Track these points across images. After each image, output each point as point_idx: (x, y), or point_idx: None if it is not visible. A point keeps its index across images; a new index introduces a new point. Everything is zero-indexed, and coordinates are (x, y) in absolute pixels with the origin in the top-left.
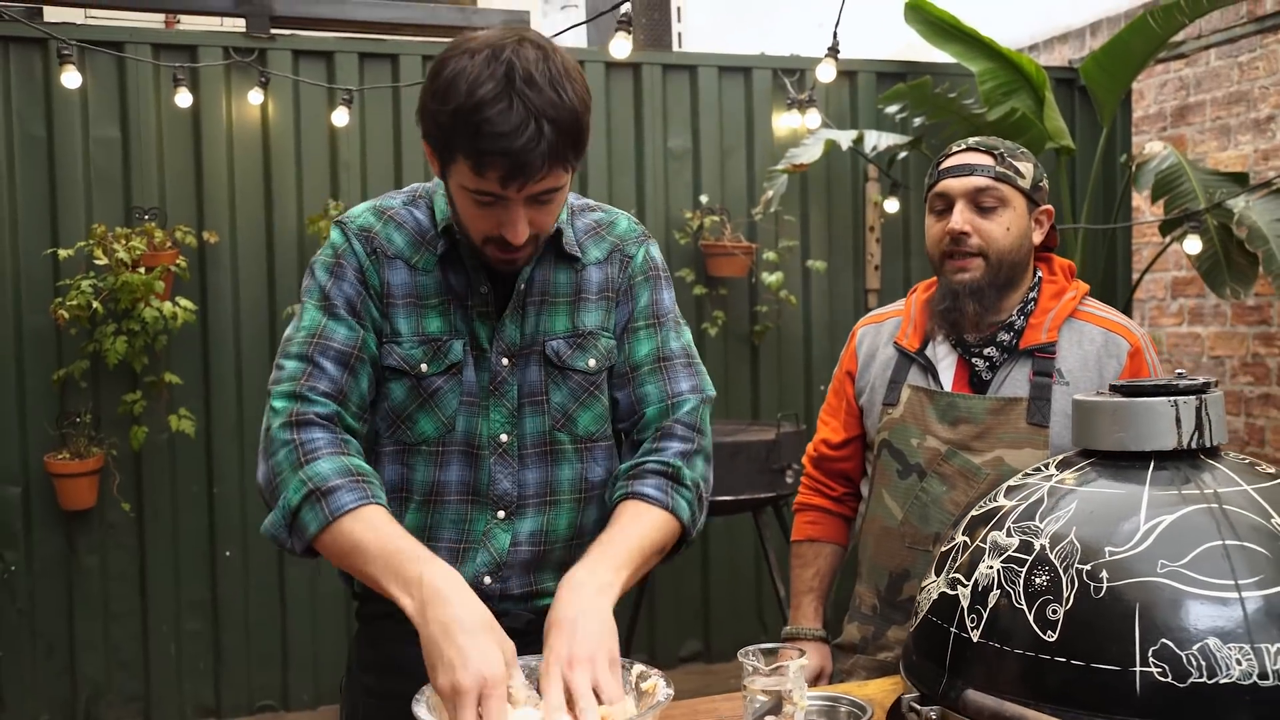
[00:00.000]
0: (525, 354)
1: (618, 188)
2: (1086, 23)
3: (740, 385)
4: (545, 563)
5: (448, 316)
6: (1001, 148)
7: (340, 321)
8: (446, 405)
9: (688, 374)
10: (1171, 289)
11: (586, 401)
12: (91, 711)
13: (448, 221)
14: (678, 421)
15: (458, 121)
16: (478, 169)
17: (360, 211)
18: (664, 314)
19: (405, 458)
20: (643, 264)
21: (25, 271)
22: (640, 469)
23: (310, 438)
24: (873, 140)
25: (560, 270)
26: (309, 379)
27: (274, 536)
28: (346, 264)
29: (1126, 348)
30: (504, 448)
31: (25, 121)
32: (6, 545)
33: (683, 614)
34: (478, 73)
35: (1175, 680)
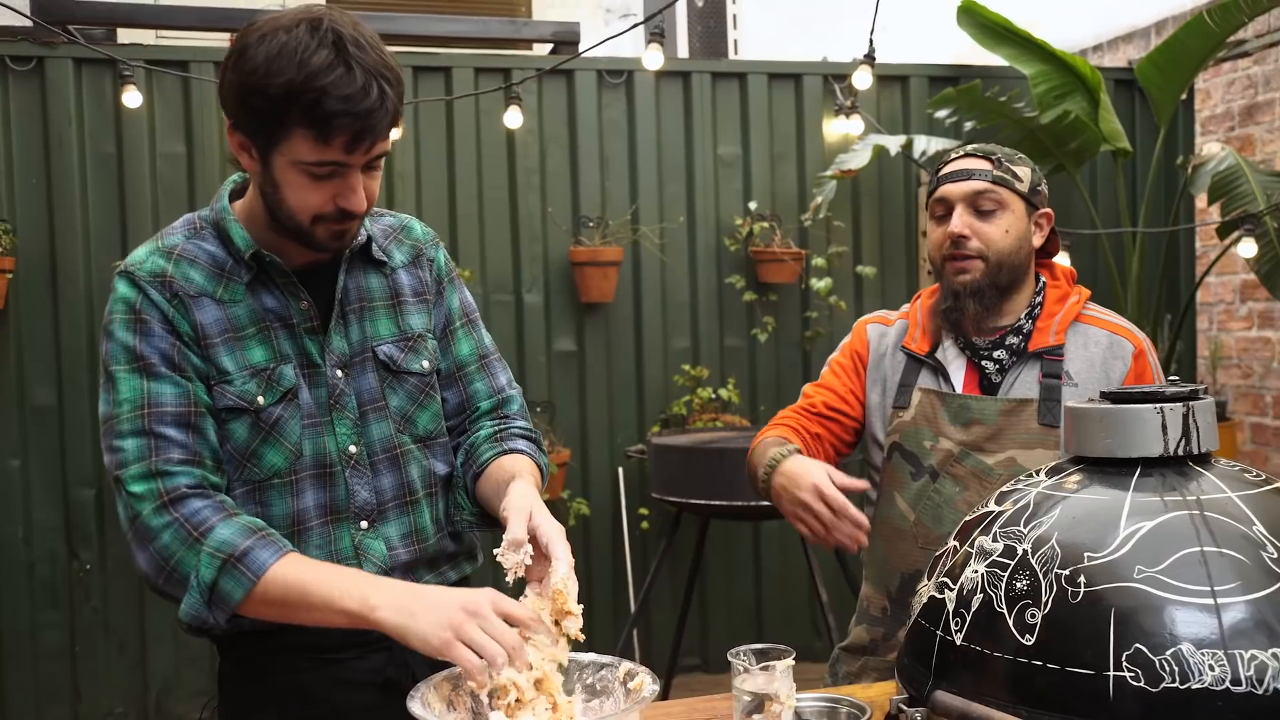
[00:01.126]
0: (358, 362)
1: (668, 195)
2: (1151, 22)
3: (791, 391)
4: (420, 560)
5: (270, 342)
6: (999, 153)
7: (163, 381)
8: (290, 433)
9: (502, 368)
10: (1240, 292)
11: (423, 402)
12: (162, 705)
13: (253, 248)
14: (510, 416)
15: (293, 93)
16: (322, 137)
17: (144, 256)
18: (471, 312)
19: (258, 495)
20: (445, 266)
21: (97, 283)
22: (506, 433)
23: (192, 511)
24: (921, 145)
25: (371, 275)
26: (157, 454)
27: (194, 618)
28: (149, 317)
29: (1131, 349)
30: (355, 459)
31: (96, 139)
32: (82, 545)
33: (735, 619)
34: (304, 43)
35: (1148, 685)
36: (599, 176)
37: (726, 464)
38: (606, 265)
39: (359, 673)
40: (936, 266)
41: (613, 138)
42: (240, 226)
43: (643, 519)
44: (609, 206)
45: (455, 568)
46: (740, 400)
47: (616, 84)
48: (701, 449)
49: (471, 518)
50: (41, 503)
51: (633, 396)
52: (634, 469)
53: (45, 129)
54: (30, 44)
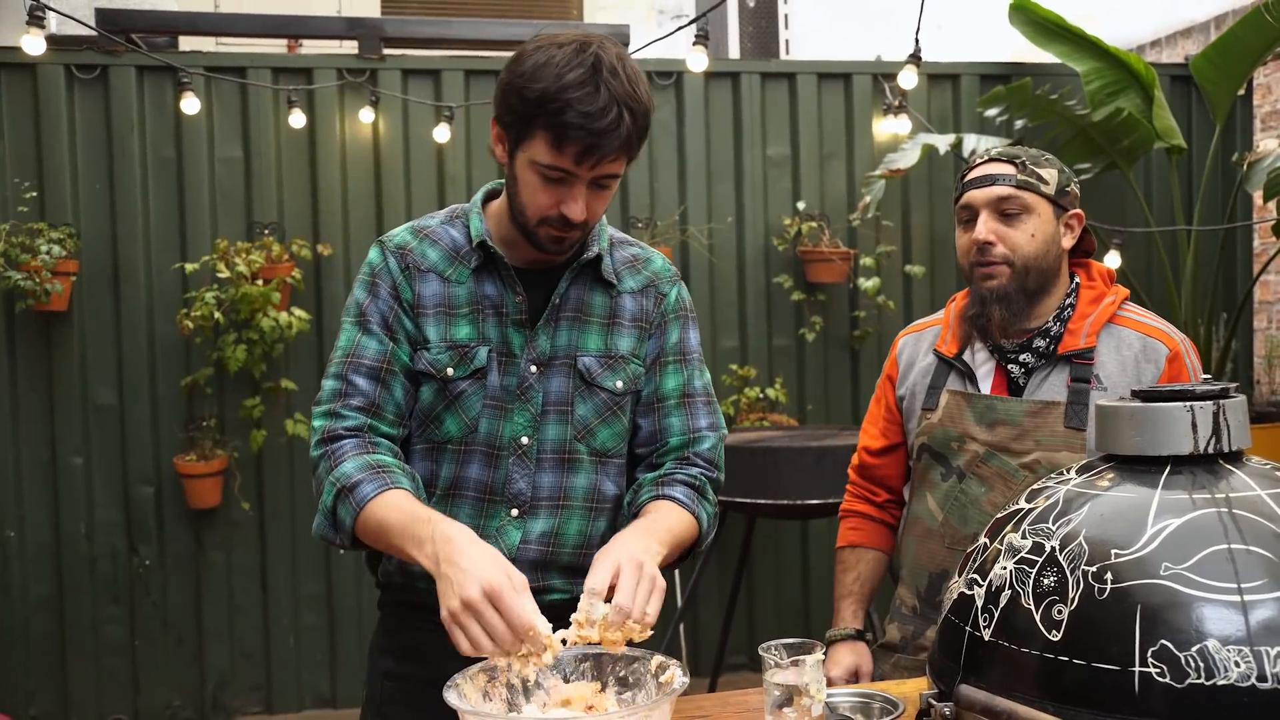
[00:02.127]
0: (554, 364)
1: (717, 196)
2: (1210, 16)
3: (840, 391)
4: (552, 564)
5: (477, 325)
6: (1023, 156)
7: (372, 336)
8: (470, 407)
9: (707, 411)
10: None
11: (609, 419)
12: (219, 699)
13: (482, 237)
14: (698, 455)
15: (544, 100)
16: (557, 144)
17: (399, 231)
18: (690, 352)
19: (433, 455)
20: (675, 303)
21: (158, 285)
22: (669, 478)
23: (338, 447)
24: (971, 144)
25: (596, 292)
26: (343, 398)
27: (322, 536)
28: (381, 281)
29: (1165, 353)
30: (523, 450)
31: (157, 144)
32: (141, 541)
33: (783, 617)
34: (567, 60)
35: (1174, 681)
36: (648, 177)
37: (773, 462)
38: None
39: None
40: (965, 272)
41: (662, 139)
42: (481, 219)
43: None
44: (657, 207)
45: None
46: (788, 400)
47: (666, 85)
48: (748, 448)
49: None
50: (103, 500)
51: None
52: None
53: (108, 135)
54: (94, 53)
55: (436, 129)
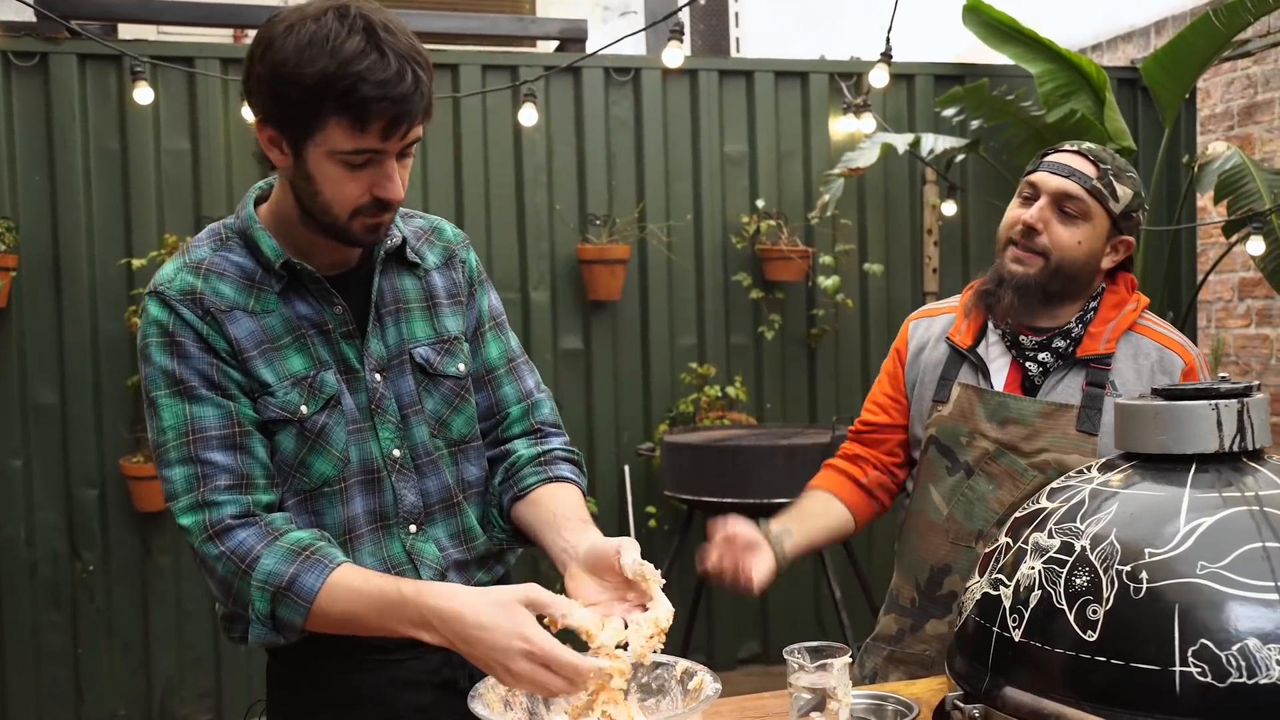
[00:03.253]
0: (395, 365)
1: (675, 193)
2: (1151, 21)
3: (797, 389)
4: (473, 560)
5: (308, 350)
6: (1110, 164)
7: (204, 403)
8: (336, 440)
9: (529, 371)
10: (1239, 290)
11: (458, 405)
12: (166, 706)
13: (283, 257)
14: (544, 422)
15: (328, 81)
16: (359, 124)
17: (172, 274)
18: (499, 315)
19: (310, 504)
20: (476, 268)
21: (101, 281)
22: (550, 456)
23: (237, 543)
24: (929, 143)
25: (405, 277)
26: (204, 482)
27: (266, 642)
28: (183, 338)
29: (1180, 366)
30: (400, 462)
31: (100, 135)
32: (85, 545)
33: (741, 616)
34: (335, 30)
35: (1215, 680)
36: (606, 174)
37: (739, 462)
38: (613, 263)
39: (416, 672)
40: (1000, 245)
41: (620, 135)
42: (268, 235)
43: (650, 517)
44: (616, 204)
45: (501, 562)
46: (747, 398)
47: (623, 82)
48: (715, 446)
49: (503, 535)
50: (44, 503)
51: (639, 394)
52: (641, 467)
53: (49, 125)
54: (34, 40)
55: None
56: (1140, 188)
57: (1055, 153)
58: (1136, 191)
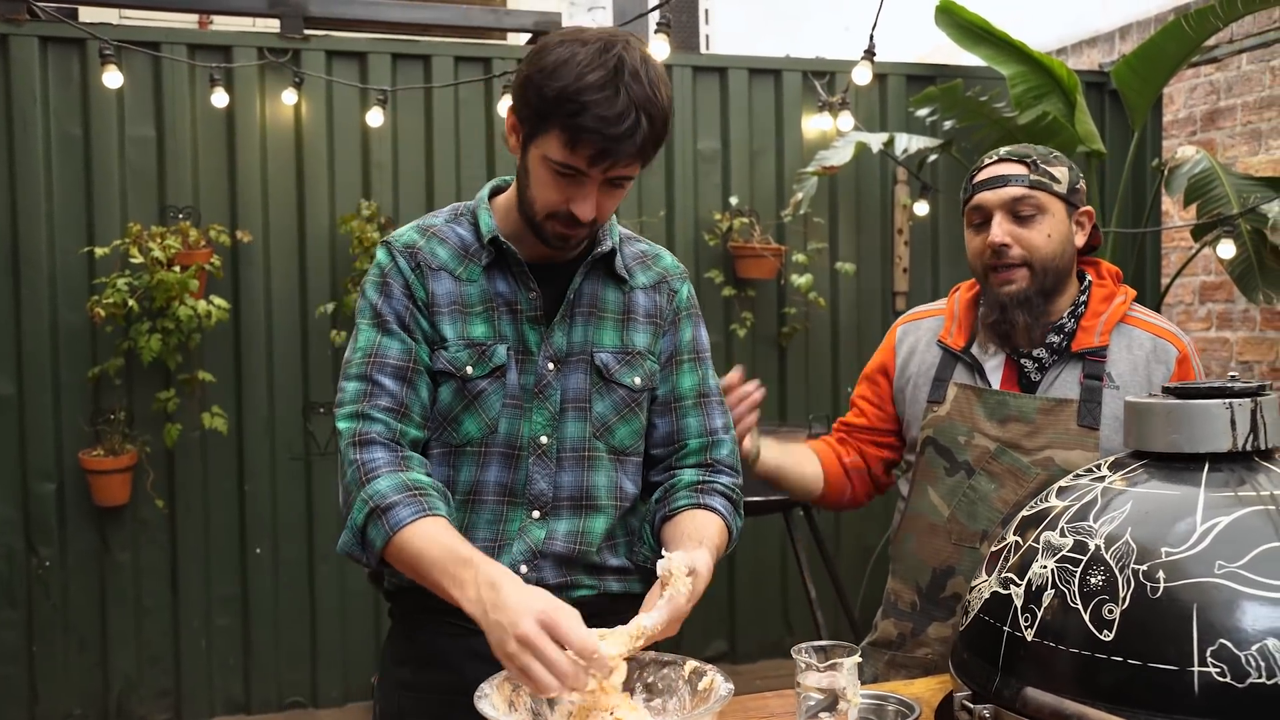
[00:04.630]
0: (571, 361)
1: (647, 189)
2: (1116, 26)
3: (768, 387)
4: (579, 561)
5: (492, 322)
6: (1034, 155)
7: (393, 337)
8: (490, 407)
9: (721, 411)
10: (1200, 294)
11: (626, 416)
12: (123, 706)
13: (494, 233)
14: (720, 461)
15: (562, 100)
16: (571, 144)
17: (405, 231)
18: (703, 351)
19: (451, 459)
20: (687, 300)
21: (61, 269)
22: (707, 487)
23: (371, 457)
24: (903, 143)
25: (609, 288)
26: (369, 399)
27: (349, 553)
28: (393, 281)
29: (1175, 354)
30: (543, 449)
31: (62, 120)
32: (41, 541)
33: (709, 615)
34: (589, 59)
35: (1234, 680)
36: None
37: None
38: None
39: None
40: (979, 276)
41: None
42: (490, 215)
43: None
44: None
45: (620, 580)
46: None
47: None
48: None
49: (650, 553)
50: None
51: None
52: None
53: (8, 109)
54: None
55: (369, 113)
56: (1069, 161)
57: (980, 171)
58: (1069, 166)
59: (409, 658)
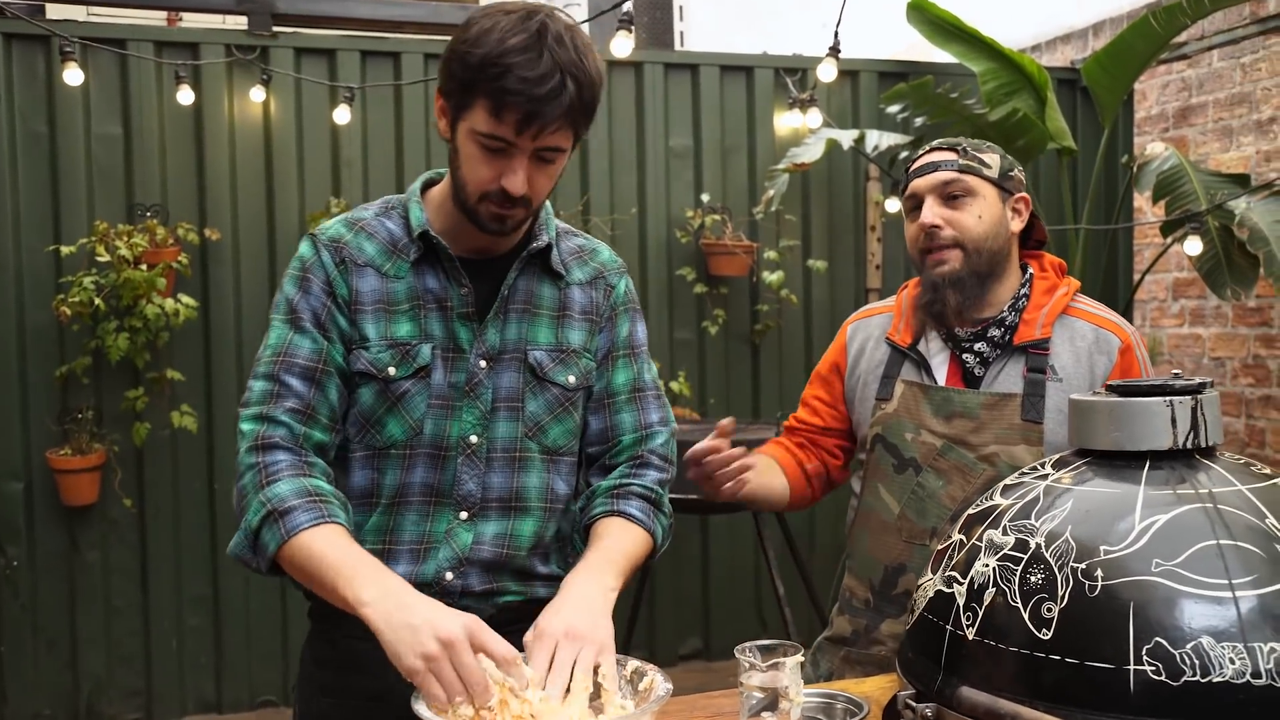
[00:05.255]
0: (504, 359)
1: (619, 186)
2: (1089, 23)
3: (741, 384)
4: (507, 566)
5: (419, 321)
6: (964, 143)
7: (305, 335)
8: (414, 409)
9: (658, 405)
10: (1173, 290)
11: (560, 415)
12: (93, 706)
13: (424, 227)
14: (653, 452)
15: (485, 65)
16: (496, 112)
17: (332, 224)
18: (639, 346)
19: (375, 462)
20: (624, 295)
21: (28, 268)
22: (625, 490)
23: (272, 460)
24: (874, 140)
25: (545, 284)
26: (275, 400)
27: (239, 557)
28: (313, 276)
29: (1117, 344)
30: (473, 449)
31: (27, 118)
32: (9, 540)
33: (683, 612)
34: (511, 26)
35: (1169, 679)
36: None
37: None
38: None
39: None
40: (916, 262)
41: None
42: (421, 208)
43: None
44: (560, 197)
45: (548, 586)
46: (690, 393)
47: None
48: None
49: None
50: None
51: None
52: None
53: None
54: None
55: (337, 111)
56: (1002, 151)
57: (916, 161)
58: (1001, 154)
59: (328, 660)
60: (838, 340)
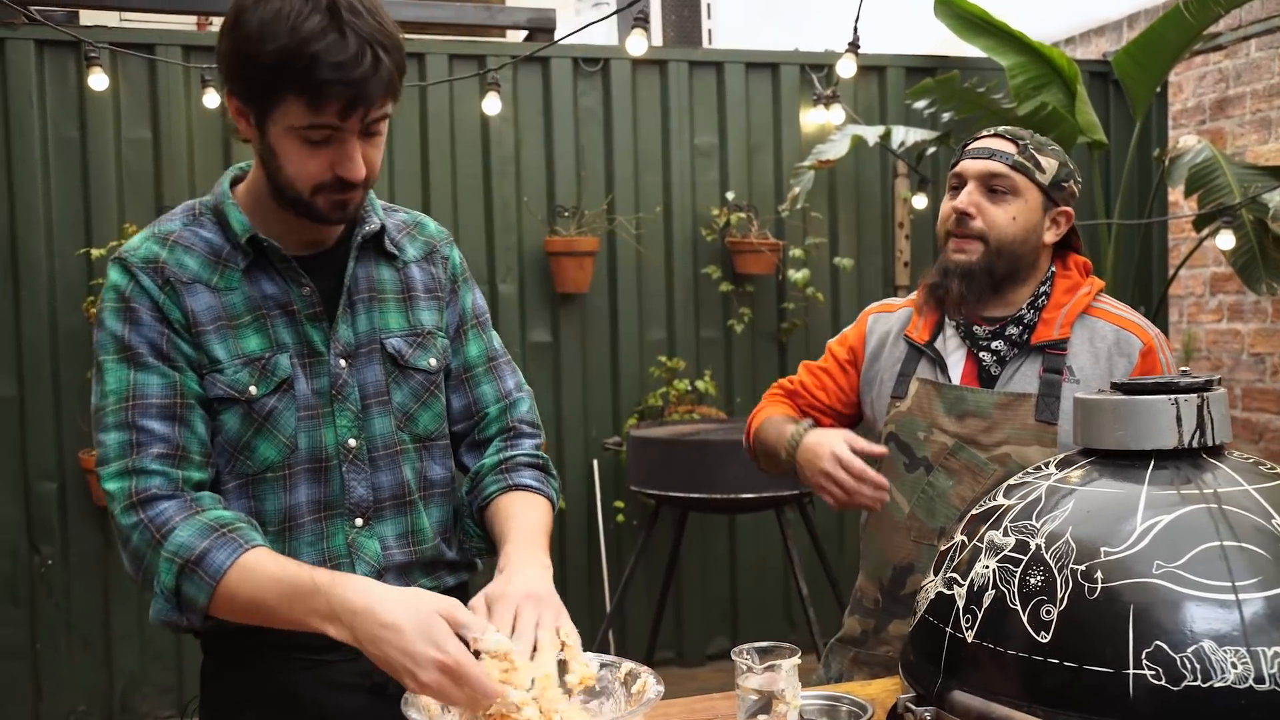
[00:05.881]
0: (364, 353)
1: (644, 185)
2: (1124, 15)
3: (768, 383)
4: (417, 563)
5: (266, 331)
6: (1028, 139)
7: (150, 371)
8: (284, 425)
9: (510, 371)
10: (1210, 285)
11: (427, 400)
12: (127, 703)
13: (251, 232)
14: (521, 420)
15: (286, 59)
16: (314, 103)
17: (139, 243)
18: (482, 314)
19: (251, 489)
20: (459, 266)
21: (60, 271)
22: (512, 462)
23: (157, 512)
24: (900, 136)
25: (383, 267)
26: (138, 450)
27: (166, 622)
28: (138, 305)
29: (1139, 346)
30: (354, 453)
31: (59, 123)
32: (43, 540)
33: (710, 612)
34: (297, 9)
35: (1169, 683)
36: (574, 165)
37: (707, 456)
38: (582, 255)
39: (348, 675)
40: (940, 241)
41: (588, 126)
42: (239, 211)
43: (618, 512)
44: (585, 196)
45: (454, 574)
46: (716, 392)
47: (592, 72)
48: (682, 441)
49: (482, 545)
50: (2, 497)
51: (608, 388)
52: (609, 462)
53: (5, 113)
54: None
55: None
56: (1065, 158)
57: (974, 141)
58: (1062, 162)
59: (250, 702)
60: (858, 326)
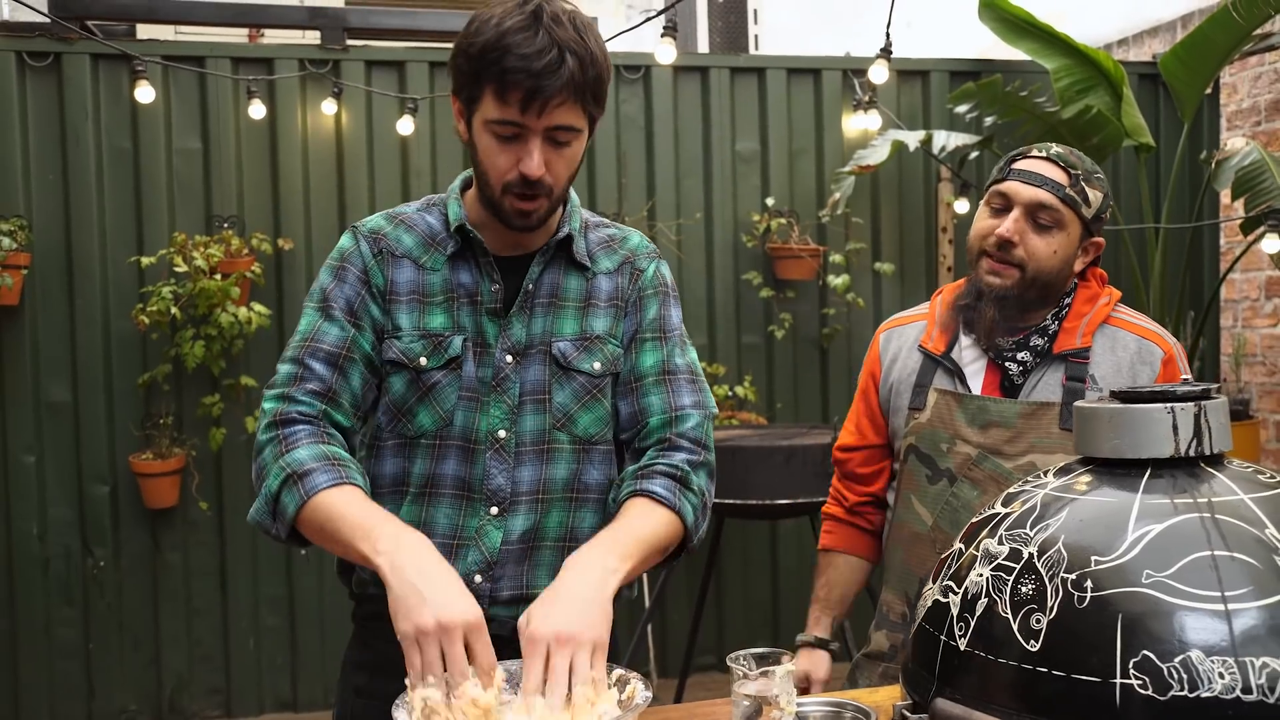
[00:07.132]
0: (530, 354)
1: (685, 190)
2: (1177, 15)
3: (810, 389)
4: (536, 563)
5: (451, 313)
6: (1080, 168)
7: (334, 323)
8: (445, 399)
9: (691, 389)
10: (1265, 289)
11: (588, 403)
12: (176, 703)
13: (461, 222)
14: (682, 435)
15: (485, 53)
16: (500, 94)
17: (374, 217)
18: (671, 329)
19: (405, 451)
20: (653, 278)
21: (113, 279)
22: (648, 470)
23: (291, 431)
24: (941, 140)
25: (570, 276)
26: (298, 382)
27: (258, 522)
28: (350, 266)
29: (1160, 355)
30: (501, 444)
31: (112, 134)
32: (96, 542)
33: (752, 617)
34: (507, 12)
35: (1156, 693)
36: (615, 172)
37: (743, 462)
38: None
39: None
40: (972, 256)
41: (630, 133)
42: (459, 205)
43: None
44: (625, 202)
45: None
46: (757, 398)
47: (634, 79)
48: (718, 447)
49: None
50: (56, 499)
51: None
52: None
53: (62, 125)
54: (48, 40)
55: (400, 121)
56: (1107, 188)
57: (1024, 159)
58: (1105, 193)
59: (364, 663)
60: (872, 350)
